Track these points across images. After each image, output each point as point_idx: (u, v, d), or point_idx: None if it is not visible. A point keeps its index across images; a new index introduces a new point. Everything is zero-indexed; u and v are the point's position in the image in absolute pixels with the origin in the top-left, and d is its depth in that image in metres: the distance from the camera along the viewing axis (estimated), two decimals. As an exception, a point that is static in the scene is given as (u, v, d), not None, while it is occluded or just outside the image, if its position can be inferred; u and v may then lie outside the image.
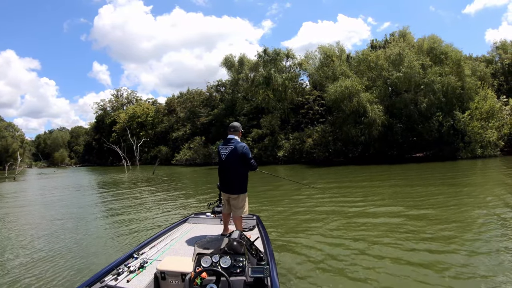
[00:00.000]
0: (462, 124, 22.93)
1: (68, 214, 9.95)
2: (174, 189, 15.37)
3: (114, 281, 2.89)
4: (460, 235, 5.61)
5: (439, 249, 4.96)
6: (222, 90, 45.06)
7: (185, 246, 3.82)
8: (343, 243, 5.51)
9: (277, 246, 5.35)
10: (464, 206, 7.90)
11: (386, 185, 12.89)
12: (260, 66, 34.27)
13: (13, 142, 74.61)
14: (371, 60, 26.25)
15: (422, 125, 24.31)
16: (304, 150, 29.23)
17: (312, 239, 5.78)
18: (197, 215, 5.23)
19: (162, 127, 53.00)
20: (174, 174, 26.46)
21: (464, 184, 11.70)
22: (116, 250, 5.85)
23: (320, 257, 4.89)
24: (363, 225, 6.62)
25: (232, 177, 4.22)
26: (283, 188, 13.14)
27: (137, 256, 3.42)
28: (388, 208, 8.04)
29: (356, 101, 24.74)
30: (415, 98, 24.41)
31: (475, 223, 6.43)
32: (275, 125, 33.37)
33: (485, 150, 22.79)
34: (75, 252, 5.81)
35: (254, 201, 9.97)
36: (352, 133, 25.78)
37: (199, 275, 2.45)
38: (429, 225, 6.34)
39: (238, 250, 2.73)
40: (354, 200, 9.59)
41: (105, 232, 7.38)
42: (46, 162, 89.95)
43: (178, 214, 8.75)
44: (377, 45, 33.27)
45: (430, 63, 24.50)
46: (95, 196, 14.83)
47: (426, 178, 14.07)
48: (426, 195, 9.57)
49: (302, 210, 8.51)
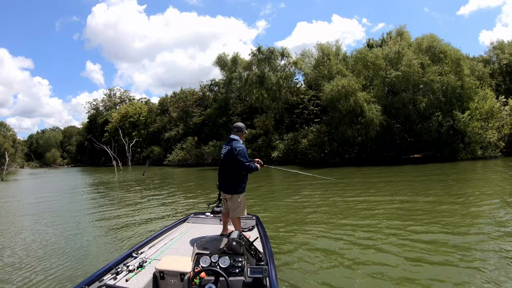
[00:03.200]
0: (462, 124, 22.19)
1: (55, 216, 9.56)
2: (158, 194, 14.42)
3: (113, 280, 2.85)
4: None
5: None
6: (216, 90, 44.12)
7: (184, 246, 3.78)
8: (343, 243, 5.44)
9: (276, 246, 5.31)
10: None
11: (386, 187, 12.04)
12: (254, 65, 33.38)
13: (5, 141, 73.45)
14: (368, 58, 25.44)
15: (421, 125, 23.55)
16: (299, 151, 28.28)
17: (312, 240, 5.72)
18: (197, 215, 5.20)
19: (154, 127, 51.95)
20: (165, 175, 25.52)
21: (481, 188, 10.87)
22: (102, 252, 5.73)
23: (320, 258, 4.81)
24: (364, 227, 6.47)
25: (227, 177, 4.22)
26: (282, 187, 13.09)
27: (136, 256, 3.39)
28: (389, 209, 7.77)
29: (353, 100, 23.91)
30: (413, 98, 23.61)
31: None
32: (269, 125, 32.46)
33: (485, 151, 22.09)
34: (72, 252, 5.78)
35: (253, 200, 10.18)
36: (349, 133, 24.97)
37: (198, 275, 2.46)
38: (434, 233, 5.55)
39: (237, 250, 2.75)
40: (354, 200, 9.35)
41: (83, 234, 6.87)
42: (39, 162, 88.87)
43: (158, 223, 7.86)
44: (373, 44, 32.73)
45: (429, 62, 23.79)
46: (77, 198, 13.89)
47: (431, 180, 13.24)
48: (430, 199, 8.74)
49: (301, 210, 8.46)
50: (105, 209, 10.61)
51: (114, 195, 14.49)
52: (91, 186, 20.18)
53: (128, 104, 60.65)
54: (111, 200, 12.97)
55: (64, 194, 16.12)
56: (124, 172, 34.52)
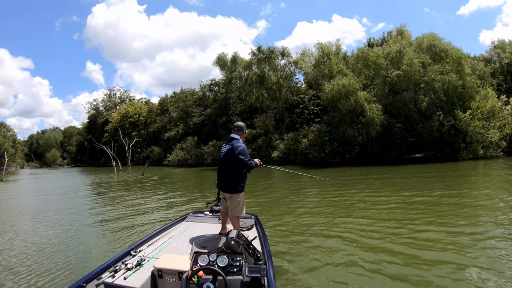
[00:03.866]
0: (463, 123, 22.02)
1: (54, 216, 9.47)
2: (157, 193, 14.26)
3: (111, 278, 2.84)
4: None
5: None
6: (215, 90, 43.97)
7: (182, 245, 3.76)
8: (342, 243, 5.40)
9: (275, 246, 5.27)
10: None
11: (386, 187, 11.90)
12: (254, 65, 33.22)
13: (5, 142, 73.48)
14: (369, 57, 25.27)
15: (422, 124, 23.36)
16: (299, 151, 28.10)
17: (310, 239, 5.68)
18: (195, 214, 5.18)
19: (154, 127, 51.81)
20: (164, 176, 25.39)
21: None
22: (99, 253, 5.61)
23: (319, 257, 4.77)
24: (363, 226, 6.40)
25: (226, 175, 4.20)
26: (281, 187, 13.02)
27: (134, 254, 3.39)
28: (391, 209, 7.62)
29: (353, 100, 23.75)
30: (415, 97, 23.44)
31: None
32: (269, 125, 32.29)
33: (487, 151, 21.93)
34: (70, 250, 5.77)
35: (252, 200, 10.10)
36: (349, 133, 24.79)
37: (196, 274, 2.45)
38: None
39: (236, 249, 2.75)
40: (353, 200, 9.21)
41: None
42: (39, 162, 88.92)
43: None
44: (374, 44, 32.58)
45: (430, 61, 23.63)
46: (77, 199, 13.69)
47: (435, 181, 13.08)
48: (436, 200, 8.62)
49: (300, 210, 8.38)
50: (103, 209, 10.47)
51: (113, 195, 14.32)
52: (90, 187, 20.03)
53: (128, 104, 60.54)
54: (110, 200, 12.82)
55: (63, 194, 15.97)
56: (124, 172, 34.39)
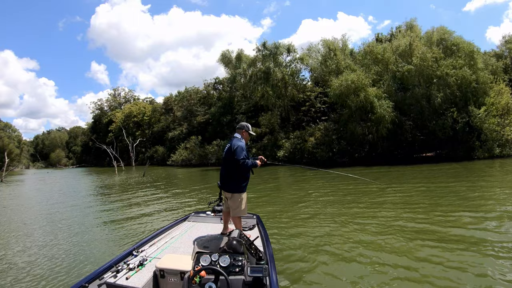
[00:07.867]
0: (478, 120, 21.03)
1: (53, 216, 9.45)
2: (159, 193, 13.64)
3: (113, 278, 2.84)
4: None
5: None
6: (220, 88, 43.35)
7: (184, 245, 3.75)
8: (345, 243, 5.32)
9: (277, 246, 5.25)
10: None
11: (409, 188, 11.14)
12: (259, 62, 32.45)
13: (10, 142, 73.74)
14: (377, 51, 24.40)
15: (434, 122, 22.39)
16: (305, 150, 27.20)
17: (313, 239, 5.61)
18: (197, 214, 5.15)
19: (159, 126, 51.39)
20: (166, 176, 24.84)
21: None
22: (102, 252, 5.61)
23: (321, 257, 4.73)
24: (366, 226, 6.28)
25: (228, 175, 4.15)
26: (285, 187, 12.79)
27: (136, 254, 3.38)
28: (401, 213, 7.27)
29: (362, 96, 22.88)
30: (427, 93, 22.51)
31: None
32: (275, 124, 31.46)
33: (503, 149, 20.92)
34: (72, 250, 5.77)
35: (255, 199, 10.09)
36: (358, 131, 23.90)
37: (198, 274, 2.44)
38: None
39: (238, 249, 2.74)
40: (358, 201, 8.97)
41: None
42: (44, 162, 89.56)
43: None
44: (382, 39, 31.68)
45: (442, 55, 22.69)
46: (76, 199, 13.24)
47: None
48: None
49: (301, 210, 8.28)
50: (103, 209, 10.25)
51: (112, 196, 13.96)
52: (89, 187, 19.70)
53: (132, 103, 60.26)
54: (110, 200, 12.54)
55: (62, 194, 15.66)
56: (126, 172, 34.01)
